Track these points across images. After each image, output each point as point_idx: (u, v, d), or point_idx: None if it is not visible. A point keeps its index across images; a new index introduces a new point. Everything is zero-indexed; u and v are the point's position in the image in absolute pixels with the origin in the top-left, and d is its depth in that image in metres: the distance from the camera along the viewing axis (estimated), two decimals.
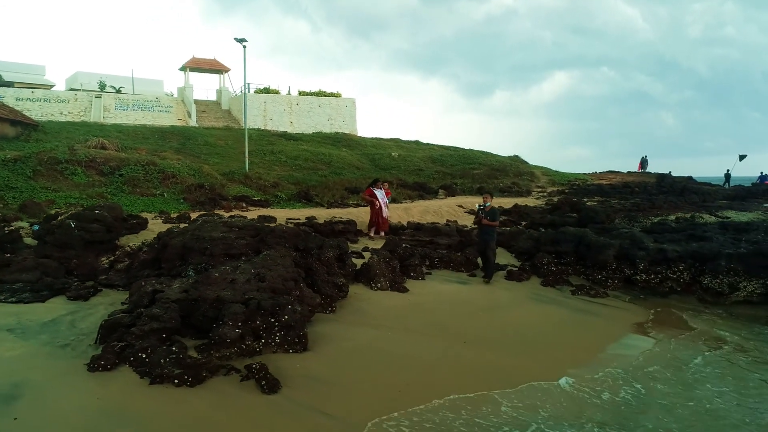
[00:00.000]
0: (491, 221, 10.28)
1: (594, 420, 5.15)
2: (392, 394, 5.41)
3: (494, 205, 10.55)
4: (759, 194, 30.91)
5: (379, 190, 13.97)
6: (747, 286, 9.68)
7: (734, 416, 5.37)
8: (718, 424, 5.20)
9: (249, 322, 6.10)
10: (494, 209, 10.44)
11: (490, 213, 10.29)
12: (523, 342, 7.27)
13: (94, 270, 8.83)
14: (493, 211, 10.37)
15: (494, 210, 10.43)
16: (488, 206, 10.33)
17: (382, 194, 13.87)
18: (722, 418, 5.33)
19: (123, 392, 5.05)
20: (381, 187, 14.21)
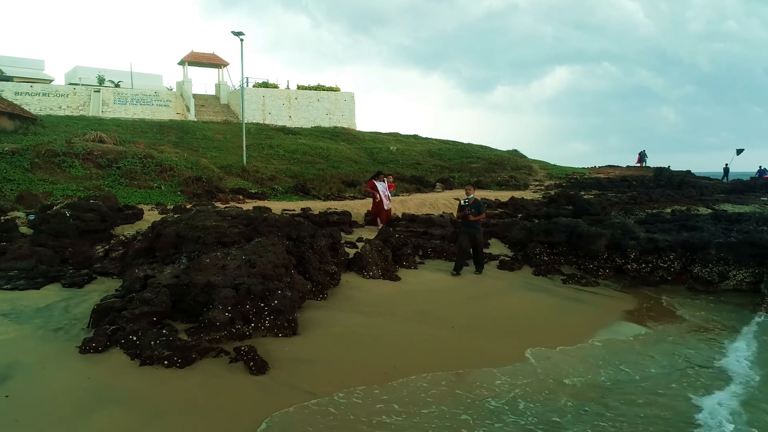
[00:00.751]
0: (477, 215, 9.92)
1: (566, 394, 5.24)
2: (378, 376, 5.50)
3: (477, 197, 10.31)
4: (757, 188, 30.99)
5: (381, 182, 13.90)
6: (736, 274, 9.77)
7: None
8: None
9: (239, 306, 6.20)
10: (478, 202, 10.12)
11: (474, 206, 9.93)
12: (511, 328, 7.37)
13: (89, 258, 8.92)
14: (477, 204, 10.02)
15: (478, 202, 10.11)
16: (471, 199, 9.97)
17: (384, 186, 13.81)
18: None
19: (113, 373, 5.15)
20: (383, 179, 14.15)
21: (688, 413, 5.03)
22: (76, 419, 4.27)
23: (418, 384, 5.43)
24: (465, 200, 9.98)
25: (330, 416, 4.64)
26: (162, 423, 4.32)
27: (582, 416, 4.86)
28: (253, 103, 37.10)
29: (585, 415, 4.89)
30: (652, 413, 4.99)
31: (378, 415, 4.73)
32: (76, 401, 4.57)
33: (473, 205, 9.89)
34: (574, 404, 5.10)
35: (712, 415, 4.96)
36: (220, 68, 40.71)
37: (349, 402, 4.93)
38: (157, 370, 5.27)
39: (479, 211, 9.96)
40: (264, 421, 4.44)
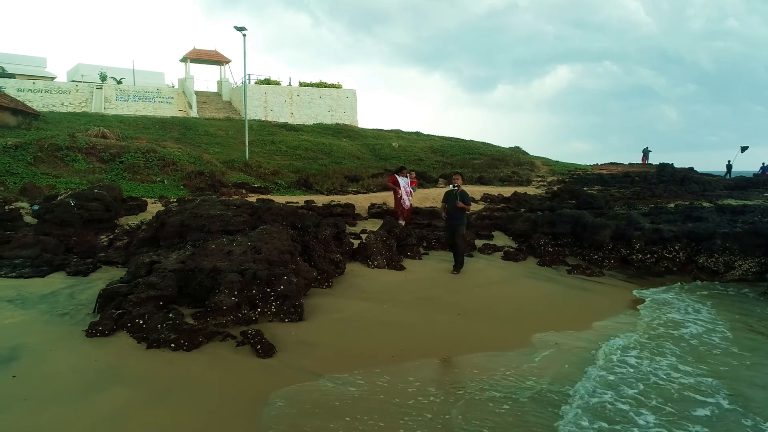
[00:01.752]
0: (465, 205, 9.48)
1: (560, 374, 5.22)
2: (384, 358, 5.48)
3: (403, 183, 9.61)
4: (760, 184, 30.87)
5: (404, 178, 13.46)
6: (742, 264, 9.73)
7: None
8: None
9: (245, 291, 6.18)
10: (465, 192, 9.58)
11: (460, 196, 9.43)
12: (517, 314, 7.34)
13: (93, 247, 8.92)
14: (464, 194, 9.52)
15: (465, 193, 9.59)
16: (458, 189, 9.49)
17: (405, 182, 13.40)
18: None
19: (120, 355, 5.15)
20: (406, 175, 13.72)
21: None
22: (84, 398, 4.26)
23: (423, 366, 5.42)
24: (454, 187, 9.55)
25: (333, 394, 4.62)
26: (170, 401, 4.31)
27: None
28: (255, 100, 37.10)
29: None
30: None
31: (380, 395, 4.71)
32: (84, 381, 4.55)
33: (459, 195, 9.46)
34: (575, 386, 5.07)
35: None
36: (222, 65, 40.73)
37: (353, 382, 4.91)
38: (164, 352, 5.26)
39: (465, 202, 9.48)
40: (269, 397, 4.43)
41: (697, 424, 4.43)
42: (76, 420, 3.95)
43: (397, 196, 13.34)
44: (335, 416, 4.26)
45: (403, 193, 13.18)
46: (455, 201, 9.32)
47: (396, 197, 13.42)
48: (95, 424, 3.92)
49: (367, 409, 4.43)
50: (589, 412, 4.52)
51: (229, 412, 4.22)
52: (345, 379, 4.95)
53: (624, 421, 4.43)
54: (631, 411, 4.60)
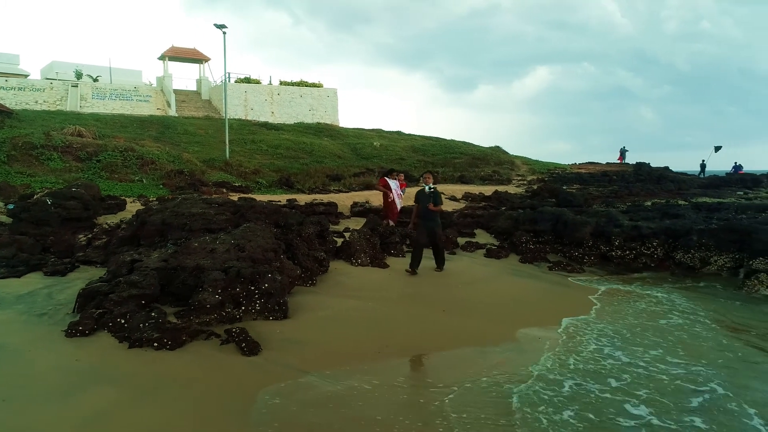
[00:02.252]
0: (436, 206, 9.04)
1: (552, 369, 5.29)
2: (371, 354, 5.49)
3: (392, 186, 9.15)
4: (732, 183, 31.62)
5: (393, 180, 13.23)
6: (717, 260, 9.96)
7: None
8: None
9: (229, 289, 6.13)
10: (438, 193, 9.17)
11: (434, 198, 9.01)
12: (501, 310, 7.40)
13: (71, 247, 8.75)
14: (436, 195, 9.08)
15: (437, 193, 9.15)
16: (432, 189, 9.08)
17: (396, 185, 13.15)
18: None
19: (101, 355, 5.06)
20: (395, 177, 13.49)
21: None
22: (67, 398, 4.18)
23: (410, 362, 5.45)
24: (429, 188, 9.11)
25: (323, 391, 4.61)
26: (155, 400, 4.25)
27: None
28: (235, 99, 36.75)
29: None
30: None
31: (369, 390, 4.71)
32: (65, 381, 4.47)
33: (434, 196, 9.04)
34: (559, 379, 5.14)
35: None
36: (201, 63, 40.26)
37: (342, 378, 4.90)
38: (147, 351, 5.18)
39: (436, 203, 9.06)
40: (258, 395, 4.40)
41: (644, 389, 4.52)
42: (59, 420, 3.87)
43: (388, 200, 13.06)
44: (326, 413, 4.25)
45: (395, 196, 12.92)
46: (428, 203, 8.93)
47: (387, 200, 13.15)
48: (80, 423, 3.85)
49: (358, 404, 4.43)
50: (569, 399, 4.59)
51: (216, 410, 4.18)
52: (333, 375, 4.94)
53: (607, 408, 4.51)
54: (615, 399, 4.68)
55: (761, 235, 9.29)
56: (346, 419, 4.18)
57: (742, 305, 8.20)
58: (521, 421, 4.27)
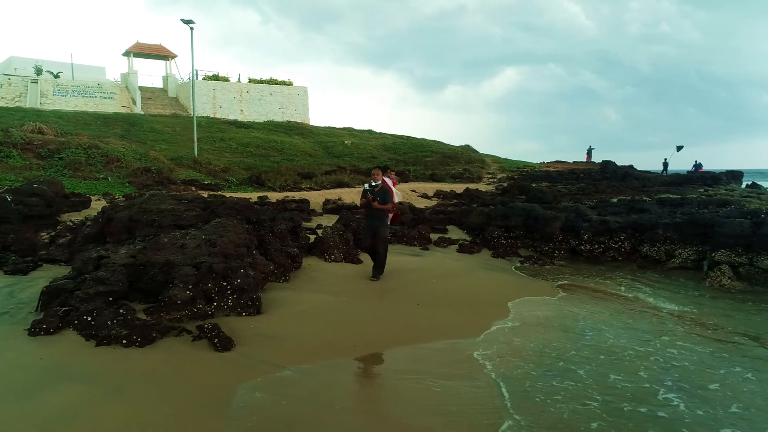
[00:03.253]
0: (382, 204, 8.10)
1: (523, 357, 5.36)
2: (346, 348, 5.45)
3: (389, 184, 8.42)
4: (693, 180, 32.67)
5: (388, 178, 12.95)
6: (682, 253, 10.24)
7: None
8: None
9: (200, 285, 5.99)
10: (386, 189, 8.23)
11: (380, 194, 8.12)
12: (473, 303, 7.46)
13: (34, 245, 8.43)
14: (384, 192, 8.17)
15: (386, 190, 8.23)
16: (379, 185, 8.17)
17: (389, 182, 12.84)
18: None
19: (67, 353, 4.88)
20: (389, 175, 12.58)
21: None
22: (32, 396, 4.01)
23: (385, 355, 5.43)
24: (371, 185, 8.21)
25: (299, 385, 4.56)
26: (126, 396, 4.12)
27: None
28: (203, 96, 36.11)
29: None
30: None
31: (344, 383, 4.68)
32: (29, 379, 4.29)
33: (380, 192, 8.13)
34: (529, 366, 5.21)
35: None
36: (167, 60, 39.38)
37: (317, 372, 4.86)
38: (115, 349, 5.03)
39: (385, 200, 8.15)
40: (234, 390, 4.32)
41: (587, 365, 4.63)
42: (24, 417, 3.72)
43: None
44: (304, 406, 4.19)
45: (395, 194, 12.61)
46: (374, 201, 8.06)
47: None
48: (45, 421, 3.70)
49: (336, 396, 4.39)
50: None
51: (189, 405, 4.08)
52: (308, 370, 4.89)
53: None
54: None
55: (723, 228, 9.60)
56: (326, 413, 4.14)
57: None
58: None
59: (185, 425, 3.83)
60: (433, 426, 4.00)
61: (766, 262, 9.03)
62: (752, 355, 5.82)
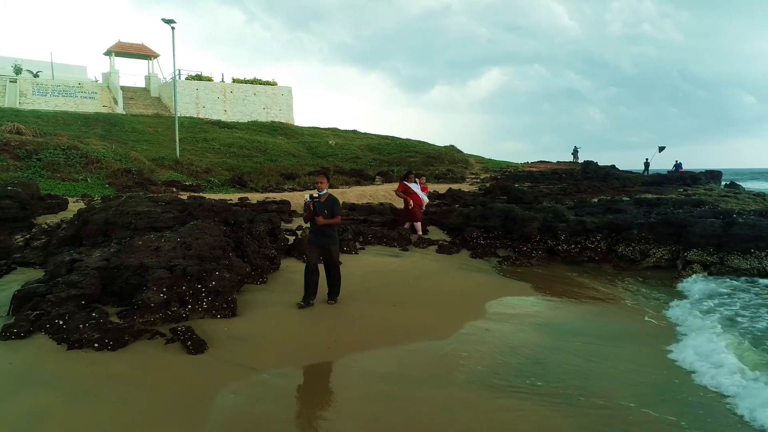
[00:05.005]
0: (330, 218, 6.88)
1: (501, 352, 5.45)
2: (321, 351, 5.49)
3: (333, 193, 7.18)
4: (673, 180, 33.19)
5: (414, 183, 12.72)
6: (656, 252, 10.43)
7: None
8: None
9: (174, 288, 6.00)
10: (333, 199, 7.01)
11: (328, 205, 6.89)
12: (449, 304, 7.54)
13: (7, 248, 8.35)
14: (332, 202, 6.95)
15: (333, 200, 7.00)
16: (325, 195, 6.92)
17: (417, 188, 12.66)
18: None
19: (37, 357, 4.86)
20: (414, 180, 12.96)
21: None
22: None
23: (361, 357, 5.48)
24: (314, 195, 6.94)
25: (272, 387, 4.59)
26: (97, 400, 4.12)
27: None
28: (186, 96, 35.86)
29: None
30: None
31: (318, 386, 4.73)
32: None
33: (326, 203, 6.89)
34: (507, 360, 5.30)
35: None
36: (150, 60, 39.06)
37: (291, 375, 4.90)
38: (87, 353, 5.02)
39: (333, 213, 6.94)
40: (207, 392, 4.35)
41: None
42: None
43: (409, 206, 12.49)
44: (277, 408, 4.23)
45: (421, 197, 12.53)
46: (321, 214, 6.82)
47: (406, 205, 12.58)
48: (14, 424, 3.70)
49: (308, 398, 4.44)
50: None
51: (160, 408, 4.09)
52: (281, 373, 4.92)
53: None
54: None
55: (695, 228, 9.81)
56: (302, 416, 4.18)
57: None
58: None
59: (155, 428, 3.85)
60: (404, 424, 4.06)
61: (736, 261, 9.25)
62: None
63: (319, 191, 6.96)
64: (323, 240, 6.96)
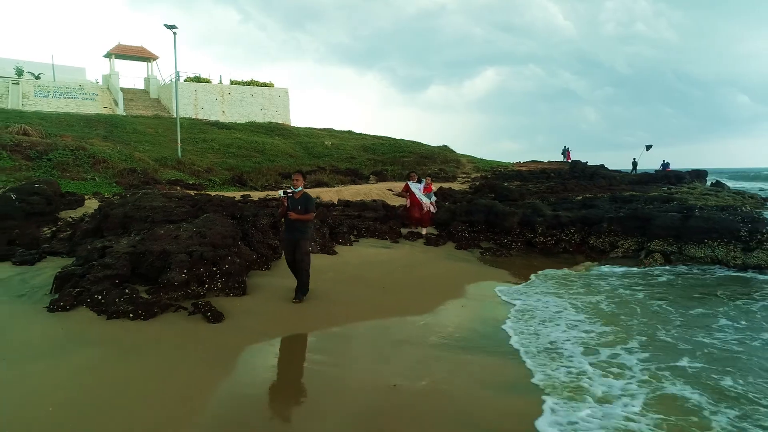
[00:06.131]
0: (304, 213, 7.16)
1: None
2: (320, 324, 6.47)
3: (308, 191, 7.50)
4: (659, 179, 34.31)
5: (416, 183, 13.17)
6: (624, 243, 11.46)
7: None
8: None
9: (193, 270, 6.96)
10: (308, 196, 7.29)
11: (302, 201, 7.21)
12: (431, 288, 8.54)
13: (37, 239, 9.26)
14: (306, 199, 7.24)
15: (308, 197, 7.28)
16: (300, 191, 7.27)
17: (418, 187, 13.08)
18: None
19: (83, 325, 5.81)
20: (419, 180, 13.43)
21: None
22: (60, 355, 4.96)
23: (357, 326, 6.46)
24: (288, 191, 7.24)
25: (286, 347, 5.58)
26: (136, 356, 5.08)
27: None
28: (185, 98, 36.70)
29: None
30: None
31: (322, 345, 5.70)
32: (56, 344, 5.23)
33: (301, 200, 7.19)
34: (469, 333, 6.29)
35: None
36: (149, 62, 39.89)
37: (298, 338, 5.88)
38: (124, 322, 5.97)
39: (307, 209, 7.21)
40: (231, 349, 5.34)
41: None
42: (57, 370, 4.66)
43: (408, 205, 13.22)
44: (288, 359, 5.21)
45: (420, 198, 12.88)
46: (294, 210, 7.12)
47: (407, 205, 13.30)
48: (72, 373, 4.65)
49: (312, 356, 5.41)
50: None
51: (192, 361, 5.06)
52: (289, 336, 5.92)
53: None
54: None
55: (657, 221, 10.84)
56: (301, 368, 5.16)
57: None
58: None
59: (189, 376, 4.81)
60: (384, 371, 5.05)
61: (692, 251, 10.28)
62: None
63: (294, 188, 7.24)
64: (294, 234, 7.20)
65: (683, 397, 4.63)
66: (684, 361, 5.48)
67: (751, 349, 5.90)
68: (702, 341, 6.14)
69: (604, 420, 4.20)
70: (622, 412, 4.32)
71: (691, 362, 5.44)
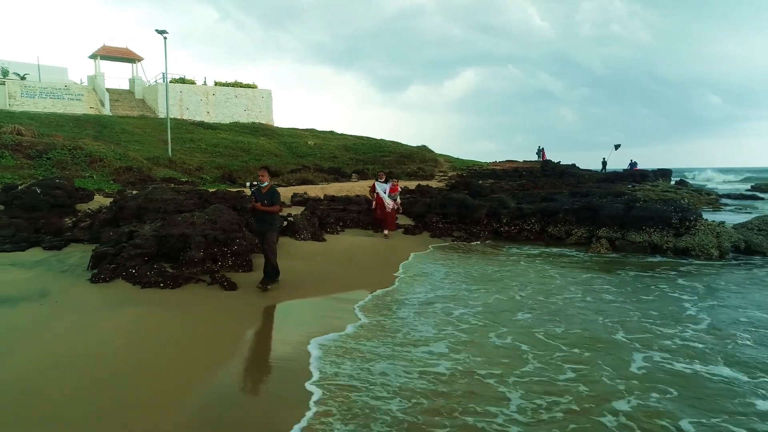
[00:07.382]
0: (269, 206, 7.72)
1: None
2: (313, 292, 7.89)
3: (274, 185, 8.17)
4: (625, 177, 36.36)
5: (382, 183, 13.27)
6: (577, 231, 13.06)
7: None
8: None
9: (209, 249, 8.31)
10: (274, 191, 7.91)
11: (268, 195, 7.78)
12: (402, 266, 10.03)
13: (60, 228, 10.47)
14: (272, 193, 7.84)
15: (274, 191, 7.88)
16: (266, 186, 7.84)
17: (384, 188, 13.16)
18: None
19: (123, 292, 7.14)
20: (386, 180, 13.60)
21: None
22: (115, 310, 6.28)
23: (338, 294, 7.89)
24: (253, 185, 7.99)
25: (289, 307, 7.00)
26: (172, 312, 6.43)
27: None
28: (170, 99, 37.54)
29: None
30: None
31: (312, 304, 7.13)
32: (108, 303, 6.55)
33: (267, 194, 7.79)
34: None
35: None
36: (134, 63, 40.64)
37: (300, 302, 7.30)
38: (155, 290, 7.30)
39: (272, 202, 7.78)
40: (245, 308, 6.73)
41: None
42: (116, 319, 5.99)
43: (374, 205, 13.43)
44: (291, 313, 6.63)
45: (384, 198, 12.96)
46: (261, 202, 7.69)
47: (373, 205, 13.49)
48: (130, 321, 5.99)
49: (310, 311, 6.84)
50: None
51: (217, 317, 6.43)
52: (291, 299, 7.33)
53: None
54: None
55: (604, 210, 12.47)
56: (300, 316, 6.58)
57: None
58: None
59: (217, 328, 6.18)
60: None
61: (633, 236, 11.92)
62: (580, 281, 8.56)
63: (260, 183, 7.86)
64: (263, 226, 7.80)
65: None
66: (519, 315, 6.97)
67: (585, 307, 7.35)
68: (553, 302, 7.57)
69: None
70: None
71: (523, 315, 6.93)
